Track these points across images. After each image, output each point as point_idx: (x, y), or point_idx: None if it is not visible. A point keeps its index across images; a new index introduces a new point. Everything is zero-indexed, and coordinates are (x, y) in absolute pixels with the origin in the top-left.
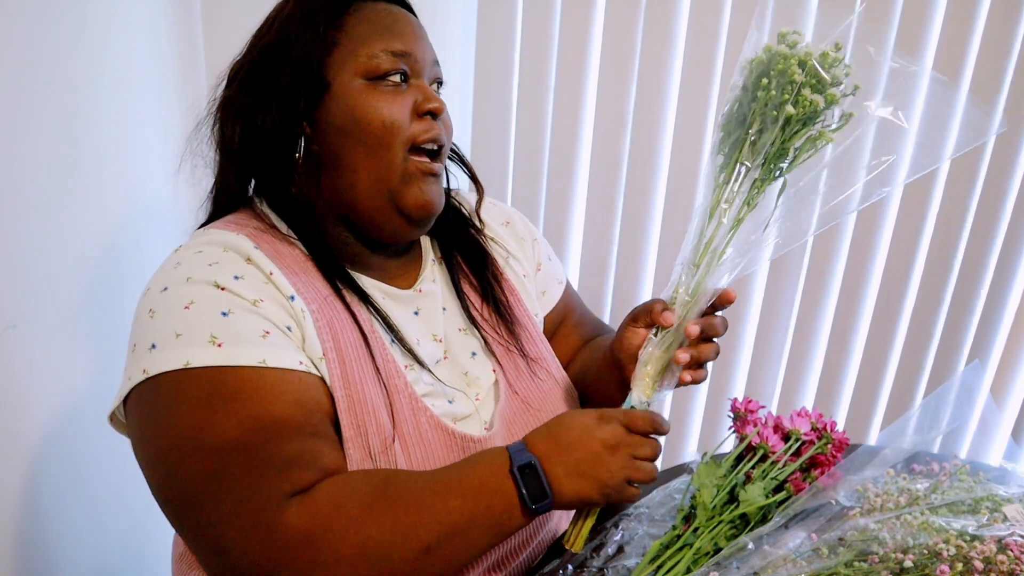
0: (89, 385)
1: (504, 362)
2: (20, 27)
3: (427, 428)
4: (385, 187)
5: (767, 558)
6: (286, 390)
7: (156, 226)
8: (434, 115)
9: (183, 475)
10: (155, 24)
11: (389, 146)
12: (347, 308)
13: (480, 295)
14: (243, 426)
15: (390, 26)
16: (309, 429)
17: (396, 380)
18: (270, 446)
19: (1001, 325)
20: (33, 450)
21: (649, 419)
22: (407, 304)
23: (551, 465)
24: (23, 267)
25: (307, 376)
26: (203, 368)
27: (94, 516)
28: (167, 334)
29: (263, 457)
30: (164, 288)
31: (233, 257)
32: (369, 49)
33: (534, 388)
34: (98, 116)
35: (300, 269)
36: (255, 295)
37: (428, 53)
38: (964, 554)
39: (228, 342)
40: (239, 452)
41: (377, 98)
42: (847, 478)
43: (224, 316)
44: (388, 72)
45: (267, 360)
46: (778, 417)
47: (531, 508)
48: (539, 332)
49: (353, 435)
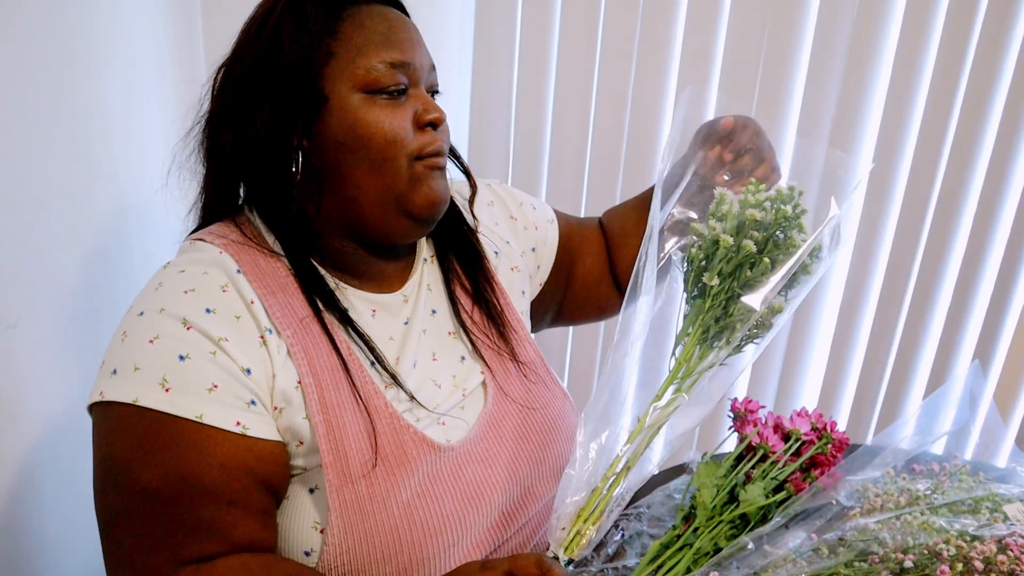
0: (89, 385)
1: (494, 366)
2: (20, 28)
3: (411, 446)
4: (392, 195)
5: (767, 558)
6: (214, 452)
7: (156, 227)
8: (435, 125)
9: (104, 500)
10: (155, 25)
11: (393, 159)
12: (325, 330)
13: (472, 298)
14: (166, 478)
15: (387, 34)
16: (228, 496)
17: (376, 401)
18: (184, 506)
19: (1004, 325)
20: (33, 450)
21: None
22: (397, 315)
23: None
24: (23, 267)
25: (240, 439)
26: (148, 409)
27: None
28: (128, 365)
29: (175, 516)
30: (140, 312)
31: (211, 282)
32: (367, 61)
33: (525, 391)
34: (98, 117)
35: (279, 287)
36: (221, 333)
37: (425, 59)
38: (964, 554)
39: (175, 389)
40: (155, 502)
41: (377, 112)
42: (847, 478)
43: (180, 360)
44: (388, 86)
45: (204, 416)
46: (778, 417)
47: None
48: (528, 336)
49: (332, 460)
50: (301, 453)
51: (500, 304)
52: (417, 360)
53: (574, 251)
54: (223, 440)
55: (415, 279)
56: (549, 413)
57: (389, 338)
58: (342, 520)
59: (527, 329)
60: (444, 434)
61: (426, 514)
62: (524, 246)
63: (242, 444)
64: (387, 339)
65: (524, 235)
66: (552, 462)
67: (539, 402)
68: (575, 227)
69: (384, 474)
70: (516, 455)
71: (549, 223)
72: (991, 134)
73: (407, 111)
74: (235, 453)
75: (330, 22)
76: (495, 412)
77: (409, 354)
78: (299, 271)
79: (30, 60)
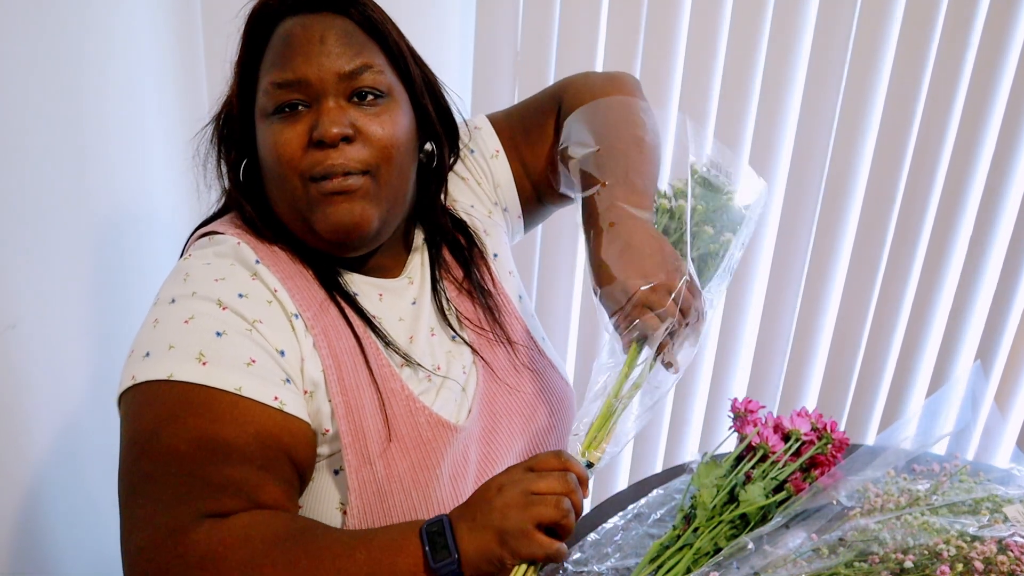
0: (89, 385)
1: (485, 353)
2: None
3: (426, 427)
4: (298, 215)
5: (767, 558)
6: (251, 421)
7: (156, 227)
8: (324, 143)
9: (128, 470)
10: (156, 26)
11: (286, 178)
12: (342, 313)
13: (457, 287)
14: (195, 443)
15: (282, 51)
16: (259, 461)
17: (392, 383)
18: (212, 467)
19: (1006, 325)
20: (33, 450)
21: (556, 458)
22: (403, 296)
23: (458, 523)
24: (23, 267)
25: (278, 414)
26: (183, 383)
27: (94, 516)
28: (162, 345)
29: (201, 475)
30: (172, 300)
31: (240, 271)
32: (262, 84)
33: (514, 375)
34: (98, 118)
35: (296, 273)
36: (255, 315)
37: (332, 66)
38: (964, 555)
39: (213, 362)
40: (180, 463)
41: (271, 134)
42: (847, 478)
43: (218, 336)
44: (279, 106)
45: (243, 389)
46: (778, 417)
47: (432, 566)
48: (520, 318)
49: (351, 441)
50: (327, 440)
51: (489, 287)
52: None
53: (527, 164)
54: (260, 413)
55: (416, 260)
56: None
57: (399, 319)
58: (361, 501)
59: (518, 312)
60: (456, 414)
61: (442, 494)
62: (490, 206)
63: (279, 419)
64: (396, 320)
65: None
66: (555, 441)
67: (528, 383)
68: (519, 133)
69: (400, 454)
70: (520, 431)
71: (494, 158)
72: (992, 134)
73: (300, 129)
74: (271, 426)
75: (261, 43)
76: (487, 392)
77: (423, 330)
78: (311, 260)
79: (30, 61)
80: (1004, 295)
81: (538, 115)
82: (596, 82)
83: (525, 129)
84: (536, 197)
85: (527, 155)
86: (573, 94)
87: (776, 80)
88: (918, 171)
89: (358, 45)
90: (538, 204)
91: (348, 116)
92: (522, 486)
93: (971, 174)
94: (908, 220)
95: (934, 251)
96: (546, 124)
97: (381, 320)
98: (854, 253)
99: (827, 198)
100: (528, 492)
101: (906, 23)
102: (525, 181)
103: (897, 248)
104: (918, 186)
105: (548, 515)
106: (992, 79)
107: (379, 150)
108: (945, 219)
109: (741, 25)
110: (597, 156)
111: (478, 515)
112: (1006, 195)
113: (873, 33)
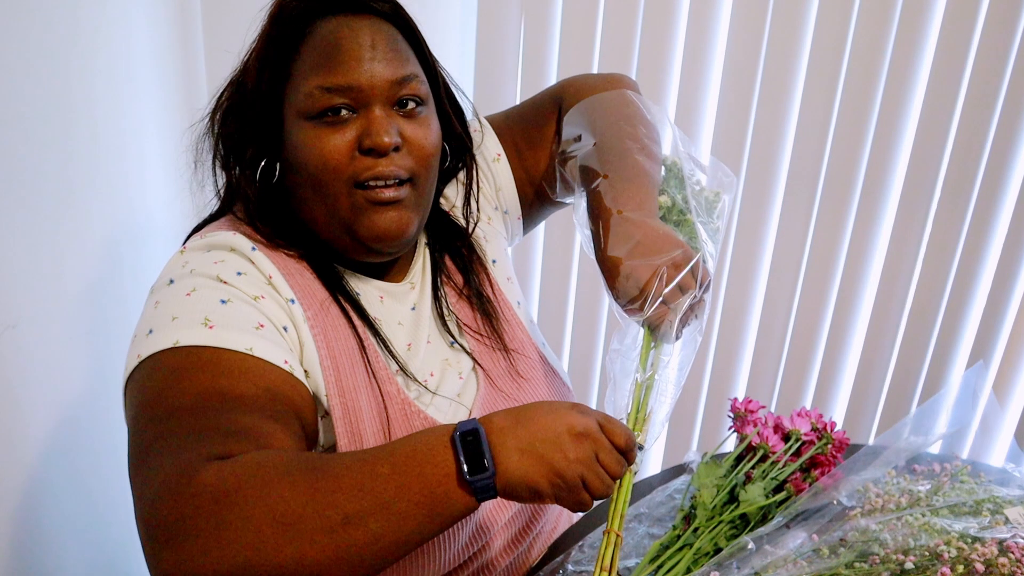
0: (88, 385)
1: (484, 360)
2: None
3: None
4: (337, 220)
5: (767, 558)
6: (261, 376)
7: (155, 226)
8: (376, 152)
9: (135, 444)
10: (155, 24)
11: (329, 184)
12: (344, 314)
13: (457, 293)
14: (201, 396)
15: (331, 54)
16: (270, 413)
17: (389, 386)
18: (222, 416)
19: (1003, 326)
20: (32, 450)
21: (627, 435)
22: (404, 301)
23: (501, 437)
24: (23, 267)
25: (288, 375)
26: (189, 346)
27: (94, 516)
28: (165, 319)
29: (210, 424)
30: (170, 281)
31: (237, 257)
32: (306, 86)
33: (513, 383)
34: (98, 118)
35: (296, 271)
36: (256, 291)
37: (383, 74)
38: (965, 556)
39: (220, 325)
40: (188, 416)
41: (315, 138)
42: (848, 478)
43: (222, 303)
44: (323, 111)
45: (254, 349)
46: (778, 417)
47: (467, 479)
48: (517, 320)
49: (347, 443)
50: (322, 428)
51: (488, 293)
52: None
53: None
54: (271, 371)
55: (419, 266)
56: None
57: (398, 323)
58: None
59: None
60: (452, 420)
61: None
62: (490, 211)
63: (289, 379)
64: (396, 324)
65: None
66: None
67: (525, 392)
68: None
69: None
70: None
71: (495, 162)
72: (992, 134)
73: (349, 135)
74: (281, 384)
75: (294, 41)
76: (486, 398)
77: (421, 338)
78: (313, 259)
79: (31, 61)
80: (1003, 295)
81: (538, 117)
82: (595, 81)
83: (526, 132)
84: (536, 199)
85: (528, 158)
86: (573, 94)
87: (776, 81)
88: (918, 171)
89: (405, 52)
90: (538, 206)
91: (396, 125)
92: (595, 445)
93: (971, 174)
94: (908, 220)
95: (933, 251)
96: (546, 126)
97: (381, 323)
98: (854, 253)
99: (826, 198)
100: (596, 455)
101: (904, 23)
102: (526, 184)
103: (896, 248)
104: (918, 186)
105: (597, 488)
106: (992, 79)
107: (421, 159)
108: (944, 219)
109: (741, 23)
110: (596, 150)
111: (537, 443)
112: (1005, 195)
113: (873, 32)
